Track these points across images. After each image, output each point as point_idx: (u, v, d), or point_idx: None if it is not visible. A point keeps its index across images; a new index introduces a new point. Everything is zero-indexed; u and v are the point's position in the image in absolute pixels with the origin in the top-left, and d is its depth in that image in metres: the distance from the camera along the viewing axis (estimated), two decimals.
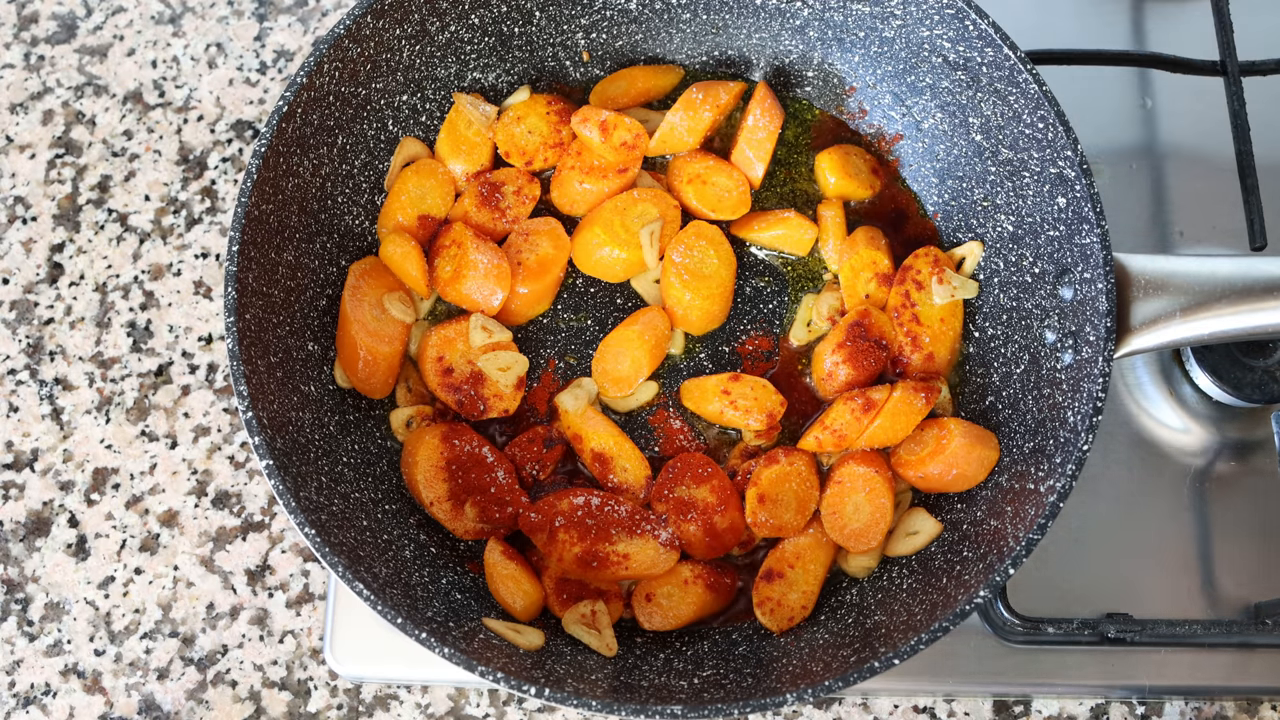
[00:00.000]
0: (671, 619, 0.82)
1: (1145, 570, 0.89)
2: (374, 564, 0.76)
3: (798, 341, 0.90)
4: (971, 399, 0.87)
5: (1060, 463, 0.75)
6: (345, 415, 0.85)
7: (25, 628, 0.91)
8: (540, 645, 0.78)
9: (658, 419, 0.88)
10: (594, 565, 0.81)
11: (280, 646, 0.90)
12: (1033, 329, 0.83)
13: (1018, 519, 0.75)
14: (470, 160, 0.91)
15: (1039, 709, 0.89)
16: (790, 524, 0.83)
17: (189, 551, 0.92)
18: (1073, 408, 0.76)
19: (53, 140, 1.03)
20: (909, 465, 0.83)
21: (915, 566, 0.82)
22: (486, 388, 0.86)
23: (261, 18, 1.07)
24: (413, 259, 0.86)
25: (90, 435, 0.95)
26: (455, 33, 0.89)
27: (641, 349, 0.87)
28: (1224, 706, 0.88)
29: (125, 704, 0.89)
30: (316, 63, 0.80)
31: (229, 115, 1.04)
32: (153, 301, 0.98)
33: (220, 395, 0.96)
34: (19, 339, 0.98)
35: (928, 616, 0.74)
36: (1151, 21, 1.05)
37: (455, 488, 0.83)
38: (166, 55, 1.06)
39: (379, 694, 0.89)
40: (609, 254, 0.88)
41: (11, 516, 0.93)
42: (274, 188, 0.80)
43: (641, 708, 0.70)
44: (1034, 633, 0.83)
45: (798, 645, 0.80)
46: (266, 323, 0.79)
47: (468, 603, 0.80)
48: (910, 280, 0.87)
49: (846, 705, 0.89)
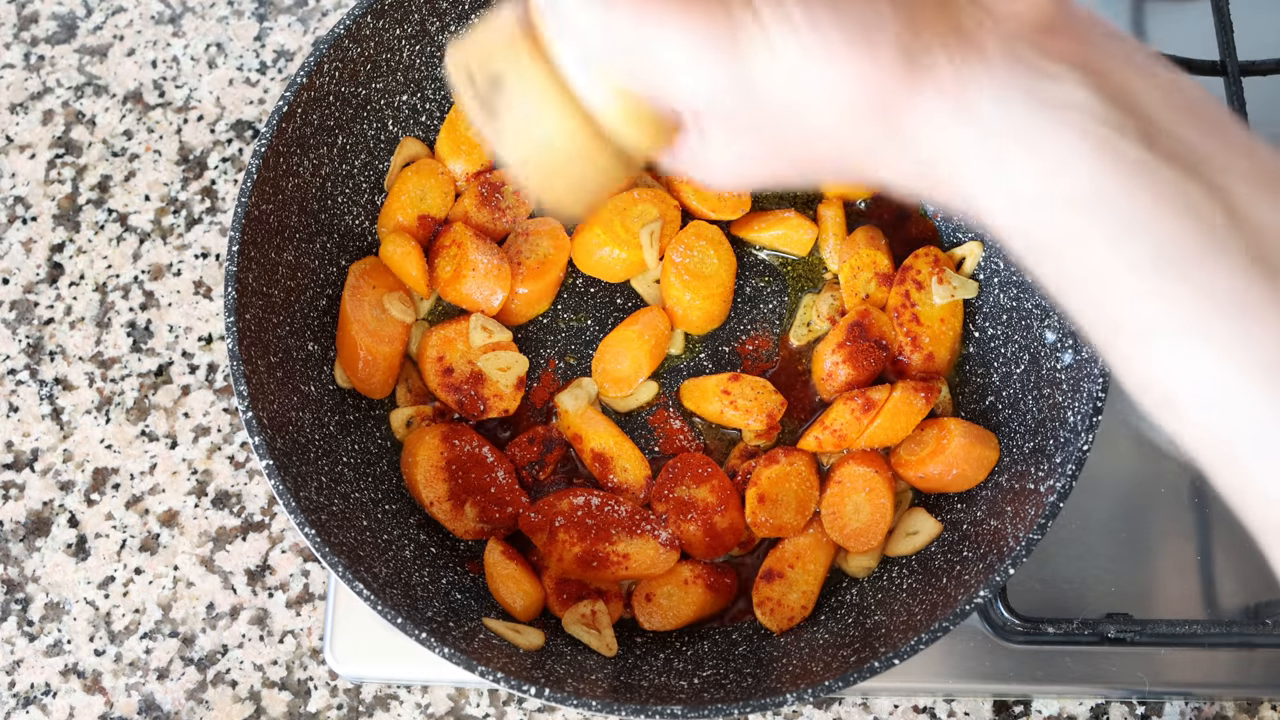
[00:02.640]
0: (671, 619, 0.82)
1: (1145, 570, 0.89)
2: (374, 564, 0.76)
3: (798, 341, 0.90)
4: (971, 399, 0.87)
5: (1060, 463, 0.75)
6: (345, 415, 0.85)
7: (25, 628, 0.91)
8: (540, 645, 0.78)
9: (658, 419, 0.88)
10: (594, 565, 0.82)
11: (280, 646, 0.90)
12: (1033, 329, 0.83)
13: (1018, 519, 0.75)
14: (470, 160, 0.91)
15: (1039, 709, 0.89)
16: (790, 524, 0.83)
17: (189, 551, 0.92)
18: (1073, 408, 0.76)
19: (53, 140, 1.03)
20: (909, 465, 0.83)
21: (915, 566, 0.82)
22: (486, 388, 0.86)
23: (261, 18, 1.07)
24: (413, 259, 0.86)
25: (90, 435, 0.95)
26: (455, 32, 0.89)
27: (641, 349, 0.87)
28: (1224, 706, 0.88)
29: (125, 704, 0.89)
30: (316, 63, 0.80)
31: (229, 115, 1.04)
32: (153, 301, 0.98)
33: (220, 395, 0.96)
34: (19, 339, 0.98)
35: (928, 616, 0.74)
36: (1151, 21, 1.05)
37: (455, 488, 0.83)
38: (166, 55, 1.06)
39: (379, 694, 0.89)
40: (609, 254, 0.88)
41: (11, 516, 0.93)
42: (274, 188, 0.80)
43: (641, 708, 0.70)
44: (1034, 633, 0.83)
45: (798, 645, 0.80)
46: (266, 323, 0.79)
47: (468, 603, 0.80)
48: (910, 280, 0.87)
49: (846, 705, 0.89)
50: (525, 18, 0.50)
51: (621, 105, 0.49)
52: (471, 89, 0.51)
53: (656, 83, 0.46)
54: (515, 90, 0.50)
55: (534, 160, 0.52)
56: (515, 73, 0.50)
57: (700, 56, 0.44)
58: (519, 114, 0.50)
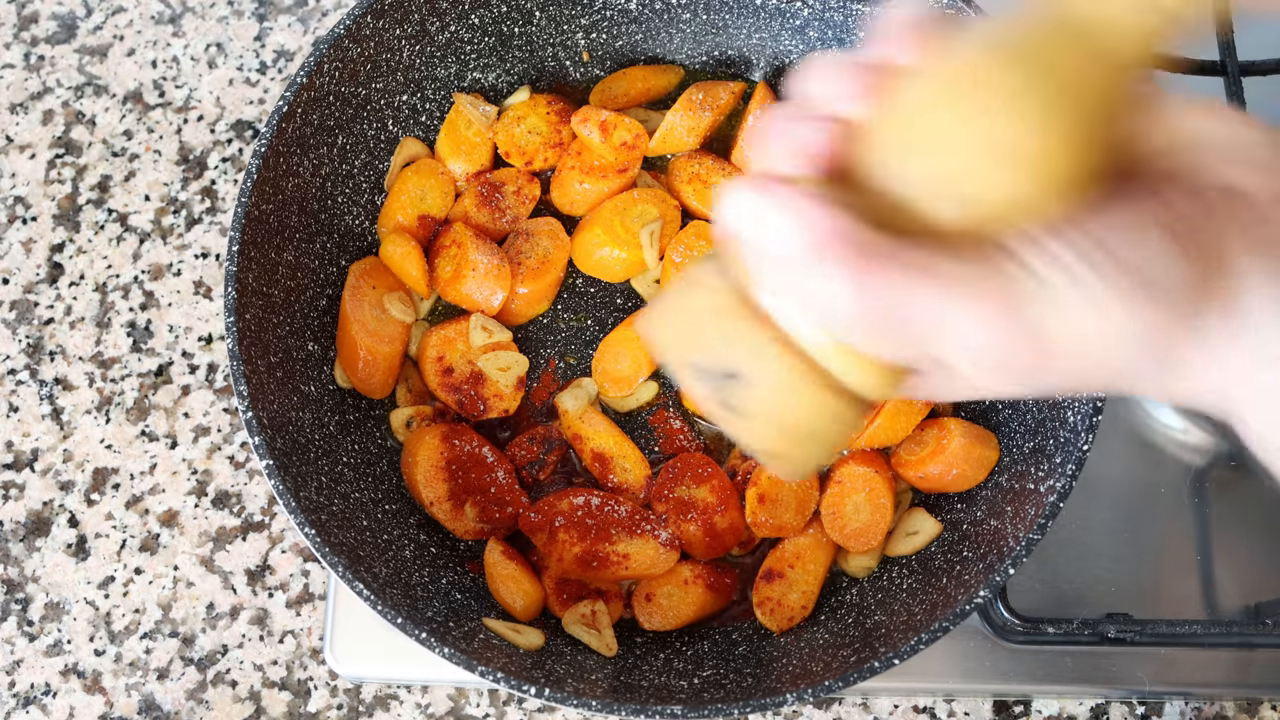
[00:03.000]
0: (671, 619, 0.82)
1: (1145, 570, 0.89)
2: (374, 564, 0.76)
3: None
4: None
5: (1060, 463, 0.75)
6: (345, 415, 0.85)
7: (25, 628, 0.91)
8: (540, 645, 0.78)
9: (658, 419, 0.88)
10: (594, 565, 0.82)
11: (280, 646, 0.90)
12: None
13: (1018, 519, 0.75)
14: (470, 160, 0.91)
15: (1039, 709, 0.89)
16: (790, 524, 0.83)
17: (189, 551, 0.92)
18: (1073, 408, 0.76)
19: (53, 140, 1.03)
20: (909, 465, 0.83)
21: (915, 566, 0.82)
22: (486, 388, 0.86)
23: (261, 18, 1.07)
24: (413, 259, 0.86)
25: (90, 435, 0.95)
26: (455, 33, 0.89)
27: (641, 349, 0.87)
28: (1224, 706, 0.88)
29: (125, 704, 0.89)
30: (316, 63, 0.80)
31: (229, 115, 1.04)
32: (153, 301, 0.98)
33: (220, 395, 0.96)
34: (19, 339, 0.98)
35: (928, 616, 0.74)
36: None
37: (455, 488, 0.83)
38: (166, 55, 1.06)
39: (379, 694, 0.89)
40: (609, 254, 0.88)
41: (11, 516, 0.93)
42: (274, 188, 0.80)
43: (641, 708, 0.70)
44: (1034, 633, 0.83)
45: (798, 645, 0.80)
46: (266, 323, 0.79)
47: (468, 603, 0.80)
48: None
49: (846, 705, 0.89)
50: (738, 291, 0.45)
51: (859, 360, 0.45)
52: (701, 385, 0.46)
53: (924, 350, 0.43)
54: (756, 379, 0.45)
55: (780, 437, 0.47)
56: (751, 361, 0.45)
57: (972, 318, 0.41)
58: (763, 401, 0.46)
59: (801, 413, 0.46)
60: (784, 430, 0.47)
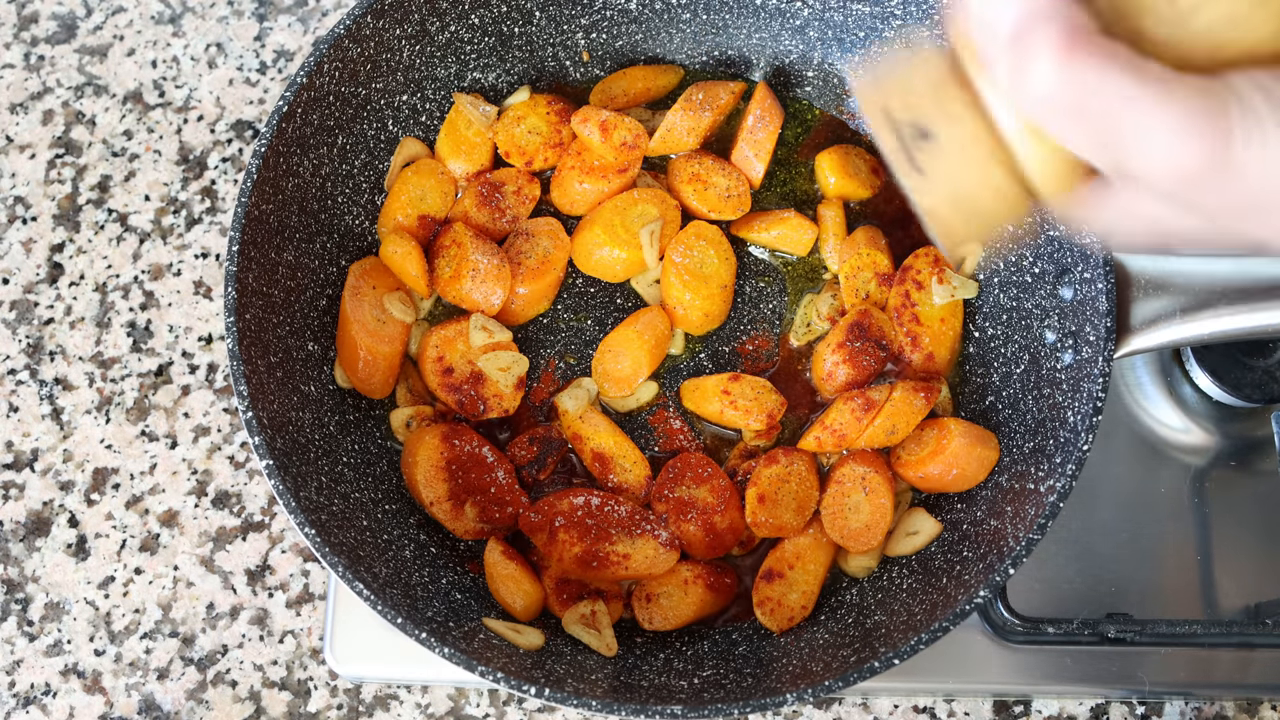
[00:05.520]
0: (671, 619, 0.82)
1: (1145, 570, 0.89)
2: (374, 564, 0.76)
3: (798, 341, 0.90)
4: (971, 399, 0.87)
5: (1060, 463, 0.75)
6: (345, 415, 0.85)
7: (25, 628, 0.91)
8: (540, 645, 0.78)
9: (658, 419, 0.88)
10: (594, 565, 0.82)
11: (280, 646, 0.90)
12: (1033, 329, 0.83)
13: (1018, 519, 0.75)
14: (470, 160, 0.91)
15: (1039, 709, 0.89)
16: (790, 524, 0.83)
17: (189, 551, 0.92)
18: (1073, 408, 0.76)
19: (53, 140, 1.03)
20: (909, 465, 0.83)
21: (915, 566, 0.82)
22: (486, 388, 0.86)
23: (261, 18, 1.07)
24: (413, 259, 0.86)
25: (90, 435, 0.95)
26: (455, 33, 0.89)
27: (641, 349, 0.87)
28: (1224, 706, 0.88)
29: (125, 704, 0.89)
30: (316, 63, 0.80)
31: (229, 115, 1.04)
32: (153, 301, 0.98)
33: (220, 395, 0.96)
34: (19, 339, 0.98)
35: (928, 616, 0.74)
36: None
37: (455, 488, 0.83)
38: (166, 55, 1.06)
39: (379, 694, 0.89)
40: (609, 254, 0.88)
41: (11, 516, 0.93)
42: (274, 188, 0.80)
43: (641, 708, 0.70)
44: (1034, 633, 0.83)
45: (798, 645, 0.80)
46: (266, 323, 0.79)
47: (468, 603, 0.80)
48: (910, 280, 0.87)
49: (846, 705, 0.89)
50: (953, 61, 0.48)
51: (1044, 150, 0.47)
52: (893, 137, 0.49)
53: (1114, 149, 0.44)
54: (946, 143, 0.48)
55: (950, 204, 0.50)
56: (946, 125, 0.48)
57: (1181, 136, 0.42)
58: (946, 165, 0.48)
59: (977, 185, 0.49)
60: (956, 198, 0.49)
